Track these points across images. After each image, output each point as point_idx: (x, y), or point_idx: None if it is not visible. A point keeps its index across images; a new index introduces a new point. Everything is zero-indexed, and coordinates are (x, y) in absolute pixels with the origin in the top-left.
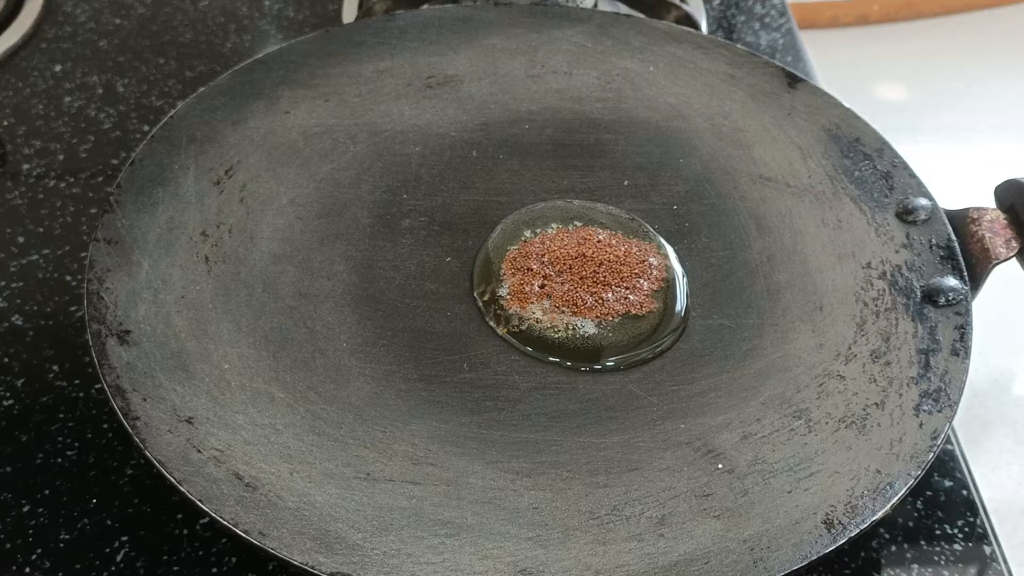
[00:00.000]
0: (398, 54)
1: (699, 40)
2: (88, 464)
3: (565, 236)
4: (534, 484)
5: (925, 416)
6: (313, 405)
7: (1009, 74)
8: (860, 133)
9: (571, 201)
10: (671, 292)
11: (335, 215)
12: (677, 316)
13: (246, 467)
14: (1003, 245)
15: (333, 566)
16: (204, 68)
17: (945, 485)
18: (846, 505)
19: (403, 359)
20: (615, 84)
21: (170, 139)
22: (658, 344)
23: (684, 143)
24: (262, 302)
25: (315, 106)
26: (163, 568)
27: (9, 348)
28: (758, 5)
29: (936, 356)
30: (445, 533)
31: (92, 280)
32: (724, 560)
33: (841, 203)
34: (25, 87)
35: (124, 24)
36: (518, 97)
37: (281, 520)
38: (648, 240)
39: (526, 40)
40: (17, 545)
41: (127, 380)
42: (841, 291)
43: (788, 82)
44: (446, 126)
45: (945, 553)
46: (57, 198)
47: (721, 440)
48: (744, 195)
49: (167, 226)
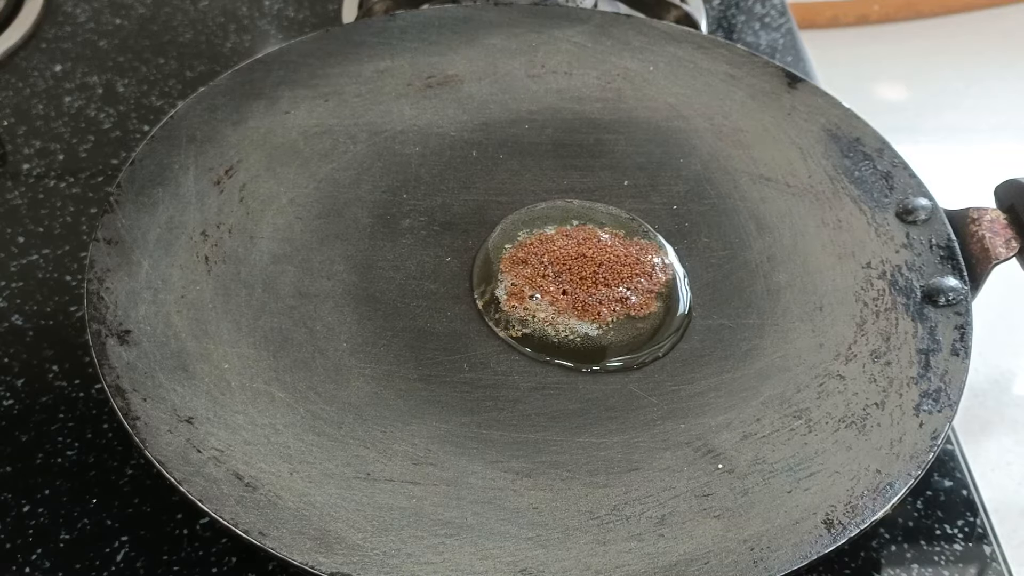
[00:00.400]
0: (398, 54)
1: (699, 40)
2: (88, 464)
3: (565, 236)
4: (534, 484)
5: (925, 416)
6: (313, 405)
7: (1009, 74)
8: (860, 133)
9: (571, 201)
10: (672, 293)
11: (335, 215)
12: (679, 317)
13: (246, 467)
14: (1003, 245)
15: (333, 566)
16: (204, 68)
17: (945, 485)
18: (846, 505)
19: (403, 359)
20: (615, 84)
21: (170, 139)
22: (660, 345)
23: (684, 143)
24: (262, 302)
25: (315, 106)
26: (163, 568)
27: (9, 348)
28: (758, 5)
29: (936, 356)
30: (445, 533)
31: (92, 280)
32: (724, 560)
33: (841, 203)
34: (25, 87)
35: (124, 24)
36: (518, 97)
37: (281, 520)
38: (649, 240)
39: (526, 40)
40: (17, 545)
41: (127, 380)
42: (841, 291)
43: (788, 82)
44: (446, 126)
45: (945, 553)
46: (57, 198)
47: (721, 440)
48: (744, 195)
49: (167, 226)
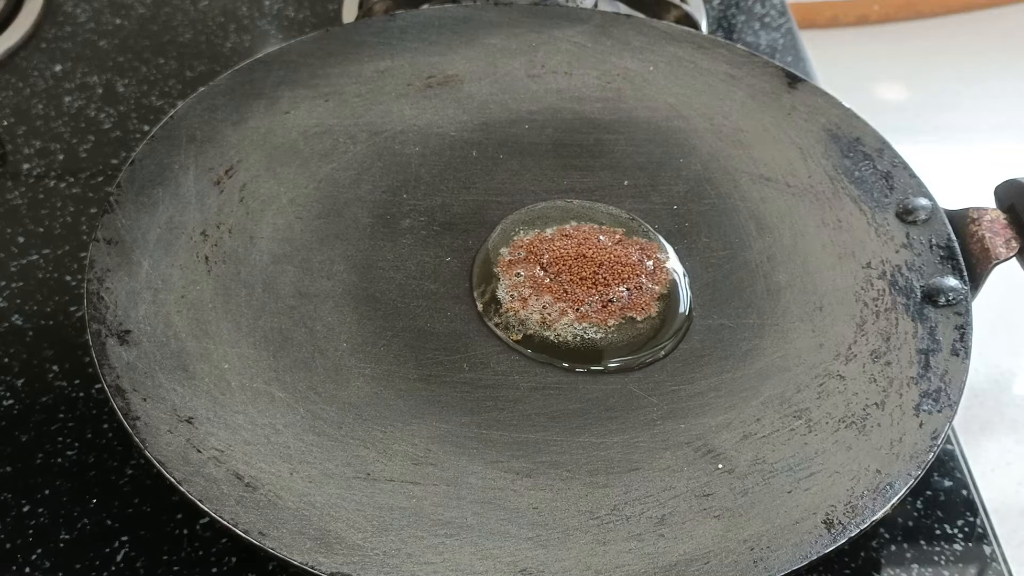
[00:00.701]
0: (398, 54)
1: (699, 40)
2: (88, 464)
3: (565, 236)
4: (534, 484)
5: (925, 416)
6: (313, 405)
7: (1009, 74)
8: (860, 133)
9: (571, 201)
10: (673, 293)
11: (335, 215)
12: (680, 317)
13: (246, 467)
14: (1003, 245)
15: (333, 566)
16: (204, 68)
17: (945, 485)
18: (846, 505)
19: (403, 359)
20: (615, 84)
21: (170, 139)
22: (661, 346)
23: (684, 143)
24: (262, 302)
25: (315, 106)
26: (163, 568)
27: (9, 348)
28: (758, 5)
29: (936, 356)
30: (445, 533)
31: (92, 280)
32: (724, 560)
33: (841, 203)
34: (25, 87)
35: (124, 24)
36: (518, 97)
37: (281, 520)
38: (649, 240)
39: (526, 40)
40: (17, 545)
41: (127, 380)
42: (841, 291)
43: (788, 82)
44: (446, 126)
45: (945, 553)
46: (57, 198)
47: (721, 440)
48: (744, 195)
49: (167, 226)
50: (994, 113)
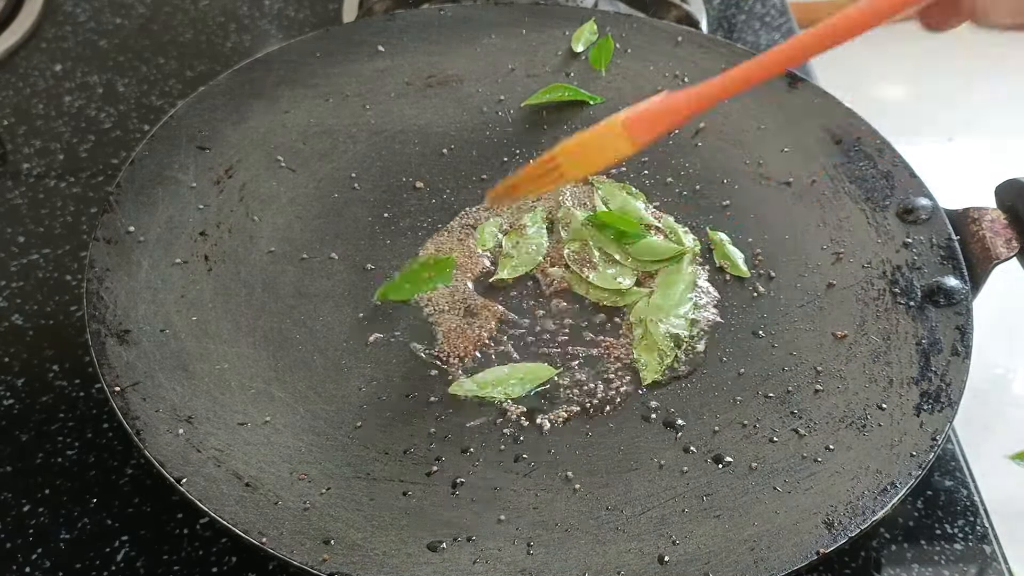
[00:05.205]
0: (398, 54)
1: (699, 40)
2: (88, 464)
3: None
4: (534, 484)
5: (925, 416)
6: (313, 405)
7: (1009, 74)
8: (860, 133)
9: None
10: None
11: (335, 215)
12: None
13: (246, 467)
14: (1004, 245)
15: (333, 566)
16: (204, 68)
17: (945, 485)
18: (846, 505)
19: (403, 358)
20: (615, 84)
21: (170, 139)
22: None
23: (684, 143)
24: (262, 302)
25: (315, 106)
26: (163, 568)
27: (9, 348)
28: (758, 5)
29: (936, 356)
30: (445, 533)
31: (92, 280)
32: (724, 560)
33: (841, 203)
34: (25, 87)
35: (124, 24)
36: (518, 97)
37: (281, 520)
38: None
39: (526, 40)
40: (17, 545)
41: (127, 380)
42: (841, 291)
43: (788, 82)
44: (446, 126)
45: (945, 553)
46: (57, 198)
47: (721, 440)
48: (744, 195)
49: (167, 226)
50: (994, 113)
